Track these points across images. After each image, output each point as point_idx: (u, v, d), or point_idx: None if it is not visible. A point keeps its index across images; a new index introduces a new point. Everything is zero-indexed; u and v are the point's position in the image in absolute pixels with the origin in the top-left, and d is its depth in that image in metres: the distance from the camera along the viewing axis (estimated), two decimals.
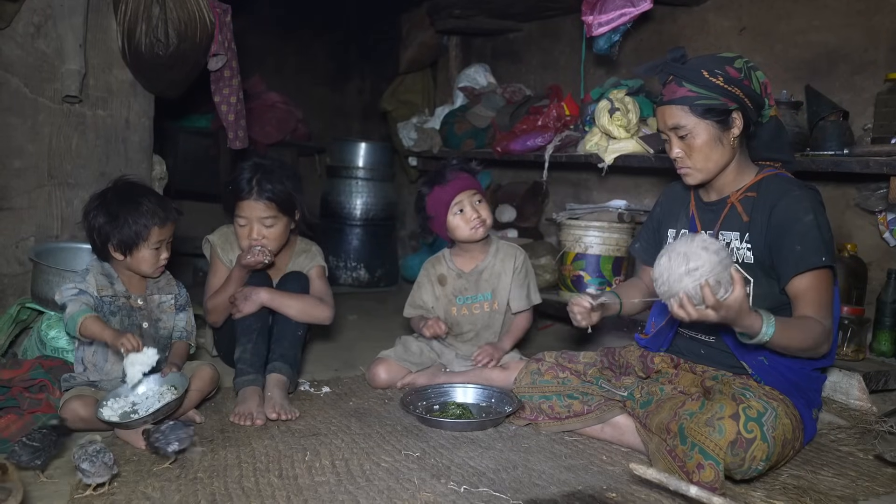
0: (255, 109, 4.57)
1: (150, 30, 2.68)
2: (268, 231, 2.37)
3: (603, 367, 2.13)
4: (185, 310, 2.26)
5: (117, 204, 2.09)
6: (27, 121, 2.67)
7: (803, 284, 1.80)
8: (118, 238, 2.07)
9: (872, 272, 2.67)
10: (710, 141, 1.87)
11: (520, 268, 2.55)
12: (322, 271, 2.55)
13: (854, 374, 2.29)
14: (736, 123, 1.87)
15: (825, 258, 1.79)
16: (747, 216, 1.90)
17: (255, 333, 2.28)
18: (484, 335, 2.56)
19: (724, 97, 1.84)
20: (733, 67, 1.86)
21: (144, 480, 1.69)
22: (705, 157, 1.89)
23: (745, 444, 1.64)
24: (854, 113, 2.66)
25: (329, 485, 1.70)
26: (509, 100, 3.84)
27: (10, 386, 2.04)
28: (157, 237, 2.10)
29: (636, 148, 3.00)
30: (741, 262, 1.91)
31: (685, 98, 1.85)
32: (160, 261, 2.14)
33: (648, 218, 2.26)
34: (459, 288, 2.56)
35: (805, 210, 1.82)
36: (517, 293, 2.55)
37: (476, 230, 2.46)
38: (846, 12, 2.78)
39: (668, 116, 1.89)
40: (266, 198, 2.33)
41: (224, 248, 2.51)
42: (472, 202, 2.46)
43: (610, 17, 3.06)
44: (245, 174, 2.36)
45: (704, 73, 1.84)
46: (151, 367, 1.99)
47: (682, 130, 1.88)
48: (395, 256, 4.82)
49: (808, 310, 1.79)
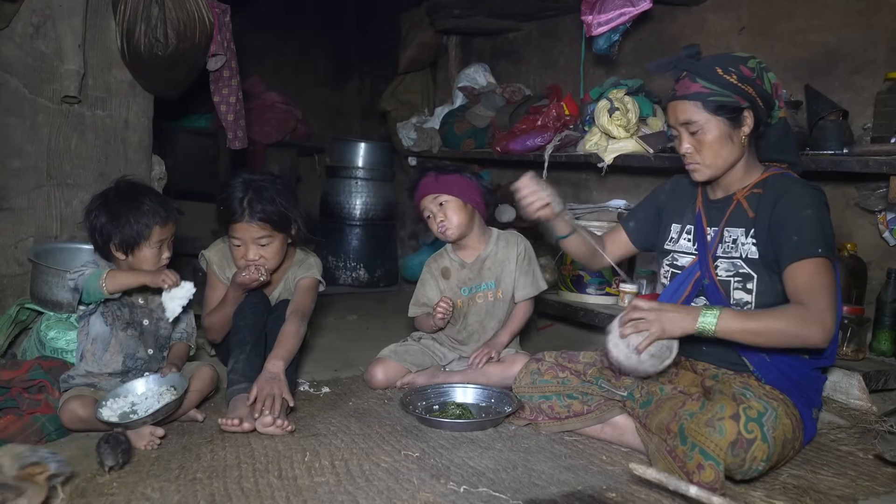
0: (254, 109, 4.57)
1: (149, 30, 2.68)
2: (264, 250, 2.33)
3: (603, 367, 2.13)
4: (186, 312, 2.25)
5: (119, 203, 2.10)
6: (26, 121, 2.67)
7: (796, 273, 1.80)
8: (120, 237, 2.08)
9: (872, 272, 2.67)
10: (721, 137, 1.88)
11: (523, 254, 2.55)
12: (313, 283, 2.46)
13: (854, 373, 2.29)
14: (747, 122, 1.88)
15: (822, 249, 1.79)
16: (753, 212, 1.91)
17: (248, 346, 2.25)
18: (489, 325, 2.55)
19: (737, 95, 1.85)
20: (747, 67, 1.87)
21: (144, 481, 1.68)
22: (715, 154, 1.90)
23: (745, 444, 1.64)
24: (854, 112, 2.66)
25: (328, 485, 1.70)
26: (509, 99, 3.84)
27: (9, 386, 2.04)
28: (158, 236, 2.11)
29: (636, 148, 3.00)
30: (745, 257, 1.91)
31: (698, 94, 1.86)
32: (162, 260, 2.15)
33: (648, 199, 2.24)
34: (463, 278, 2.56)
35: (806, 205, 1.83)
36: (523, 281, 2.54)
37: (442, 234, 2.49)
38: (846, 12, 2.78)
39: (681, 112, 1.90)
40: (259, 219, 2.28)
41: (221, 265, 2.47)
42: (434, 206, 2.47)
43: (609, 17, 3.06)
44: (236, 194, 2.29)
45: (719, 71, 1.85)
46: (189, 300, 2.13)
47: (693, 126, 1.89)
48: (394, 256, 4.82)
49: (799, 295, 1.78)
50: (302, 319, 2.31)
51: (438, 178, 2.48)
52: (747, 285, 1.90)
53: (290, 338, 2.24)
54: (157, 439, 1.89)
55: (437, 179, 2.48)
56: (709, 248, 1.98)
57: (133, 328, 2.13)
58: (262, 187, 2.30)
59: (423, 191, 2.51)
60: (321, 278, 2.50)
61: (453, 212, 2.47)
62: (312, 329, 2.59)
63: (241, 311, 2.35)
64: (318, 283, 2.49)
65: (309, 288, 2.44)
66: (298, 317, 2.31)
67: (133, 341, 2.12)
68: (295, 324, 2.28)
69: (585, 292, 3.19)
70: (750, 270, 1.90)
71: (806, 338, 1.75)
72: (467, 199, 2.48)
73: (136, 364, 2.13)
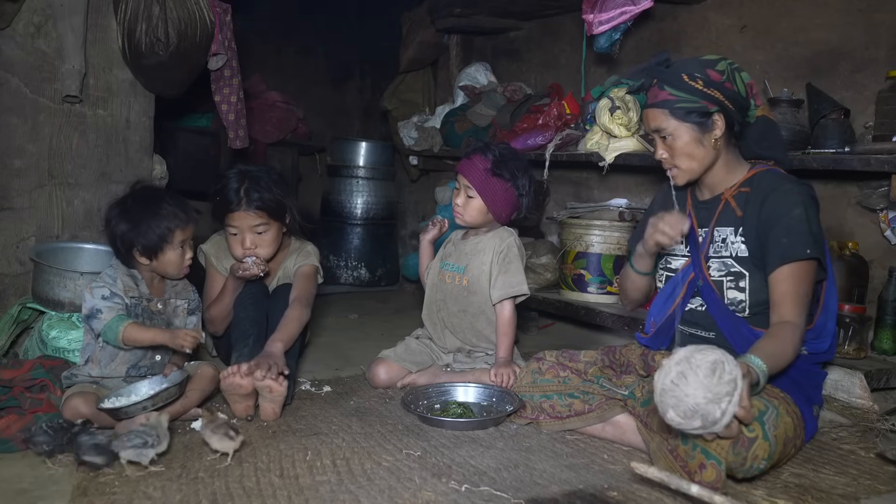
0: (255, 109, 4.57)
1: (150, 29, 2.68)
2: (260, 238, 2.36)
3: (604, 366, 2.13)
4: (195, 313, 2.28)
5: (138, 210, 2.11)
6: (27, 121, 2.67)
7: (783, 275, 1.81)
8: (143, 244, 2.10)
9: (874, 270, 2.66)
10: (692, 142, 1.91)
11: (504, 251, 2.45)
12: (312, 270, 2.50)
13: (856, 372, 2.29)
14: (717, 125, 1.90)
15: (810, 250, 1.80)
16: (741, 211, 1.93)
17: (251, 339, 2.27)
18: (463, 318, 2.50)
19: (704, 100, 1.87)
20: (715, 70, 1.88)
21: (146, 479, 1.69)
22: (688, 158, 1.93)
23: (746, 442, 1.64)
24: (855, 111, 2.66)
25: (330, 484, 1.70)
26: (510, 98, 3.84)
27: (11, 386, 2.04)
28: (180, 238, 2.13)
29: (637, 146, 2.99)
30: (735, 255, 1.92)
31: (666, 101, 1.89)
32: (185, 261, 2.17)
33: (646, 215, 2.26)
34: (448, 252, 2.59)
35: (794, 203, 1.84)
36: (500, 280, 2.43)
37: (456, 214, 2.48)
38: (847, 10, 2.77)
39: (651, 119, 1.94)
40: (256, 207, 2.31)
41: (218, 257, 2.51)
42: (462, 187, 2.46)
43: (610, 16, 3.05)
44: (232, 184, 2.32)
45: (684, 77, 1.88)
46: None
47: (663, 132, 1.93)
48: (395, 256, 4.82)
49: (784, 303, 1.80)
50: (305, 306, 2.35)
51: (486, 175, 2.39)
52: (740, 283, 1.91)
53: (292, 322, 2.27)
54: None
55: (484, 175, 2.39)
56: (701, 249, 1.98)
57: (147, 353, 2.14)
58: (257, 177, 2.35)
59: (465, 169, 2.43)
60: (319, 266, 2.53)
61: (474, 209, 2.45)
62: (313, 328, 2.59)
63: (241, 303, 2.38)
64: (317, 270, 2.52)
65: (309, 275, 2.48)
66: (301, 304, 2.35)
67: (140, 351, 2.12)
68: (298, 310, 2.32)
69: (587, 291, 3.18)
70: (741, 269, 1.91)
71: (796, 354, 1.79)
72: (493, 208, 2.43)
73: (139, 372, 2.14)
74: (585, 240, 3.17)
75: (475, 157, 2.43)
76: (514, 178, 2.42)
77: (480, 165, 2.41)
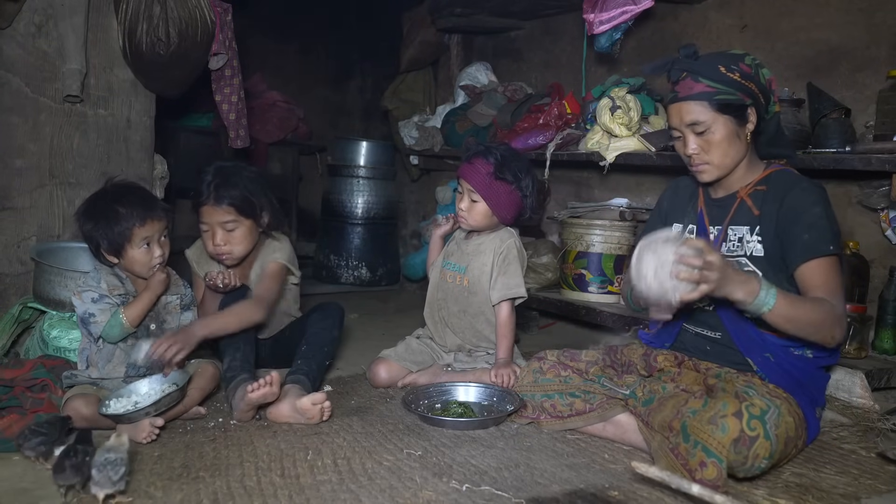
0: (256, 108, 4.57)
1: (150, 29, 2.68)
2: (230, 236, 2.33)
3: (605, 366, 2.13)
4: (189, 309, 2.25)
5: (100, 208, 2.07)
6: (28, 120, 2.67)
7: (811, 271, 1.81)
8: (106, 242, 2.06)
9: (874, 270, 2.66)
10: (729, 136, 1.88)
11: (504, 253, 2.44)
12: (277, 268, 2.39)
13: (856, 371, 2.29)
14: (751, 119, 1.89)
15: (833, 247, 1.80)
16: (758, 209, 1.91)
17: (241, 343, 2.24)
18: (463, 318, 2.50)
19: (741, 92, 1.86)
20: (745, 63, 1.88)
21: (147, 479, 1.69)
22: (723, 153, 1.90)
23: (748, 441, 1.64)
24: (856, 110, 2.66)
25: (331, 483, 1.70)
26: (510, 98, 3.84)
27: (12, 385, 2.04)
28: (141, 236, 2.06)
29: (638, 146, 2.99)
30: (750, 255, 1.91)
31: (703, 93, 1.86)
32: (153, 259, 2.10)
33: (654, 213, 2.25)
34: (451, 251, 2.59)
35: (814, 202, 1.84)
36: (500, 281, 2.43)
37: (460, 218, 2.48)
38: (848, 9, 2.77)
39: (686, 113, 1.89)
40: (226, 203, 2.29)
41: (199, 262, 2.48)
42: (465, 191, 2.44)
43: (611, 15, 3.06)
44: (206, 178, 2.31)
45: (722, 69, 1.85)
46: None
47: (700, 126, 1.88)
48: (396, 255, 4.82)
49: (819, 293, 1.79)
50: (256, 305, 2.26)
51: (490, 179, 2.37)
52: None
53: (229, 315, 2.21)
54: (156, 429, 1.89)
55: (488, 179, 2.37)
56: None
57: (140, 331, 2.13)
58: (230, 173, 2.33)
59: (468, 174, 2.41)
60: (290, 264, 2.45)
61: (478, 213, 2.43)
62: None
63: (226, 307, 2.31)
64: (285, 268, 2.44)
65: (272, 273, 2.39)
66: (256, 302, 2.27)
67: (132, 338, 2.11)
68: (245, 306, 2.24)
69: (587, 291, 3.19)
70: (754, 268, 1.89)
71: (828, 336, 1.76)
72: (497, 211, 2.42)
73: (137, 372, 2.12)
74: (586, 239, 3.17)
75: (477, 161, 2.42)
76: (518, 180, 2.41)
77: (483, 169, 2.40)
